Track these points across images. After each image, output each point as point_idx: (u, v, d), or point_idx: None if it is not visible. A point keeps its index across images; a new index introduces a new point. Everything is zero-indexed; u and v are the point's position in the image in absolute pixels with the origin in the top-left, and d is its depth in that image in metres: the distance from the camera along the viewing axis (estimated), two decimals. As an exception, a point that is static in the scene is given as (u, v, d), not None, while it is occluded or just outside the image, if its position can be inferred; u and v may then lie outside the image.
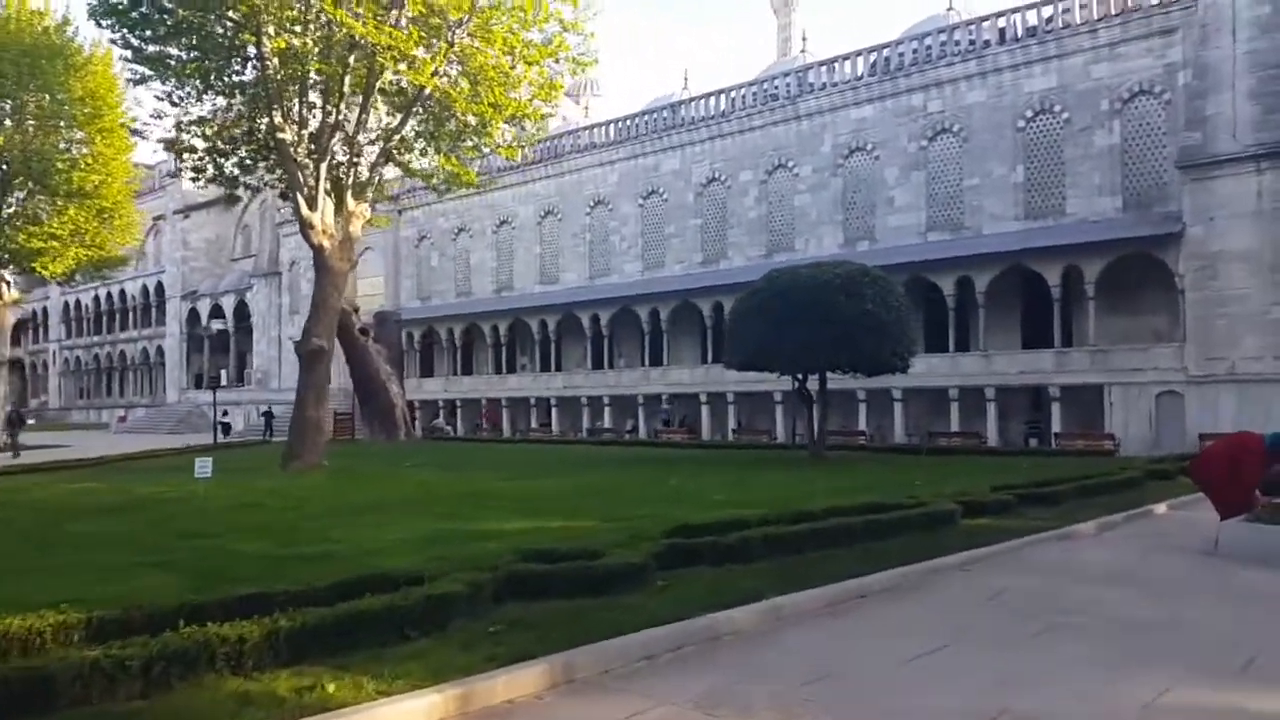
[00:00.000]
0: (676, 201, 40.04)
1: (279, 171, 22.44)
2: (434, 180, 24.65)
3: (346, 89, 20.22)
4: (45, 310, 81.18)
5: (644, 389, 38.39)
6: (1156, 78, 28.96)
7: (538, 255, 45.32)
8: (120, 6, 19.30)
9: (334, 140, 21.18)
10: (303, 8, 18.84)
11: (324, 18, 18.57)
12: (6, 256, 32.24)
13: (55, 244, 31.93)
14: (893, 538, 9.92)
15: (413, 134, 23.21)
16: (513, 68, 20.46)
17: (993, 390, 30.15)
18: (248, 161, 22.81)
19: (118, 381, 73.73)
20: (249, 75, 20.96)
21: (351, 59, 19.66)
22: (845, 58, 35.96)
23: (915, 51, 33.82)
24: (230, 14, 18.64)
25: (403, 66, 19.10)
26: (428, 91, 20.42)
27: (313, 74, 19.62)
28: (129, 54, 20.51)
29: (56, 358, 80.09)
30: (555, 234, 44.66)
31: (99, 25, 19.81)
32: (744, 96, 38.21)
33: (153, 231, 74.64)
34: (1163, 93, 28.89)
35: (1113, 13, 29.63)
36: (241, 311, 62.86)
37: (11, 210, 31.21)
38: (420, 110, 21.81)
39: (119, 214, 34.64)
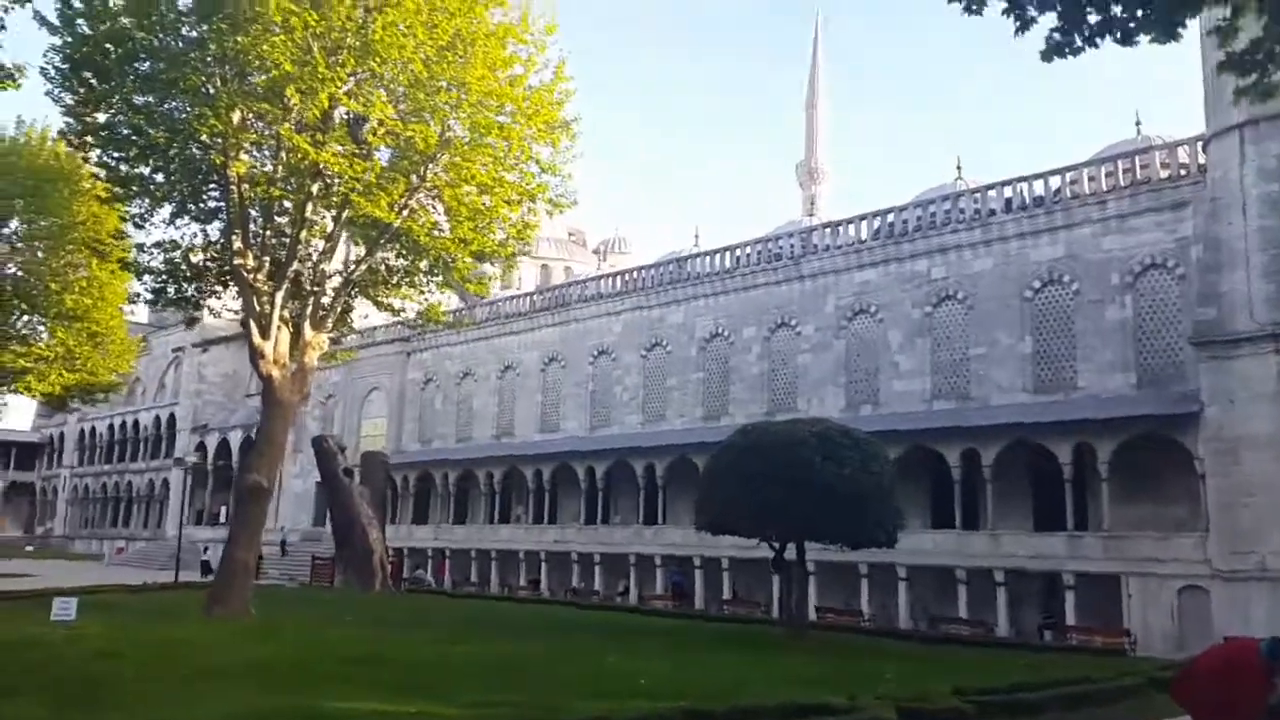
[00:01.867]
0: (679, 354, 39.20)
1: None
2: (403, 316, 23.93)
3: (308, 216, 19.78)
4: (62, 436, 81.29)
5: (637, 548, 36.51)
6: (1169, 251, 27.98)
7: (539, 403, 44.41)
8: (93, 125, 19.24)
9: (291, 269, 20.60)
10: (268, 134, 18.60)
11: (290, 143, 18.25)
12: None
13: (41, 365, 31.55)
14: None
15: (383, 268, 22.68)
16: (485, 206, 19.98)
17: (1002, 574, 27.91)
18: (215, 287, 22.26)
19: (123, 512, 72.72)
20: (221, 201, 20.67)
21: (315, 188, 19.31)
22: (849, 221, 35.66)
23: (919, 218, 33.36)
24: (199, 137, 18.43)
25: (362, 199, 18.62)
26: (396, 225, 19.95)
27: (275, 201, 19.24)
28: (102, 173, 20.34)
29: (66, 484, 79.60)
30: (558, 382, 43.86)
31: (70, 145, 19.77)
32: (749, 254, 37.86)
33: (172, 364, 75.40)
34: (1176, 267, 27.85)
35: (1122, 184, 29.00)
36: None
37: (1, 329, 31.02)
38: (389, 244, 21.30)
39: (111, 338, 34.35)
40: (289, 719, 8.48)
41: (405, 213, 20.06)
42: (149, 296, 23.27)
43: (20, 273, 29.56)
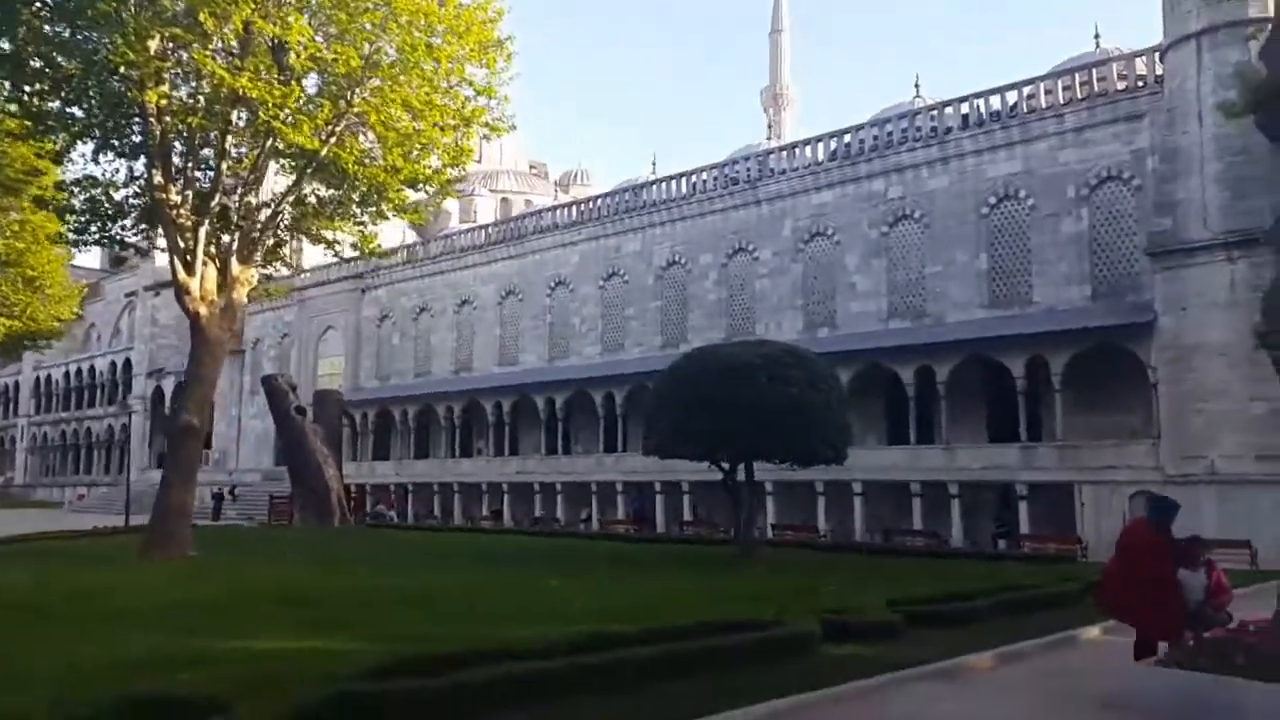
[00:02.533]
0: (637, 284, 38.65)
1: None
2: (339, 250, 23.11)
3: (229, 147, 18.85)
4: (17, 385, 79.72)
5: (598, 476, 36.35)
6: (1125, 163, 27.65)
7: (498, 336, 43.82)
8: (7, 55, 18.08)
9: (214, 202, 19.70)
10: (188, 62, 17.54)
11: (207, 70, 17.20)
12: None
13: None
14: (720, 670, 7.92)
15: (313, 199, 21.78)
16: (416, 131, 19.11)
17: (956, 486, 28.04)
18: (141, 225, 21.30)
19: (84, 459, 71.70)
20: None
21: (237, 117, 18.36)
22: (806, 143, 34.97)
23: (876, 138, 32.74)
24: (115, 68, 17.34)
25: (285, 126, 17.69)
26: (323, 155, 19.05)
27: (196, 132, 18.26)
28: (14, 108, 19.23)
29: (24, 433, 78.26)
30: (516, 315, 43.22)
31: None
32: (705, 180, 37.11)
33: (126, 309, 73.84)
34: (1132, 179, 27.55)
35: (1079, 97, 28.49)
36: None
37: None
38: (317, 175, 20.41)
39: (50, 283, 33.22)
40: (174, 660, 8.05)
41: (332, 140, 19.13)
42: (71, 237, 22.19)
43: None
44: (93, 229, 21.33)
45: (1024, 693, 8.71)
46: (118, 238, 21.91)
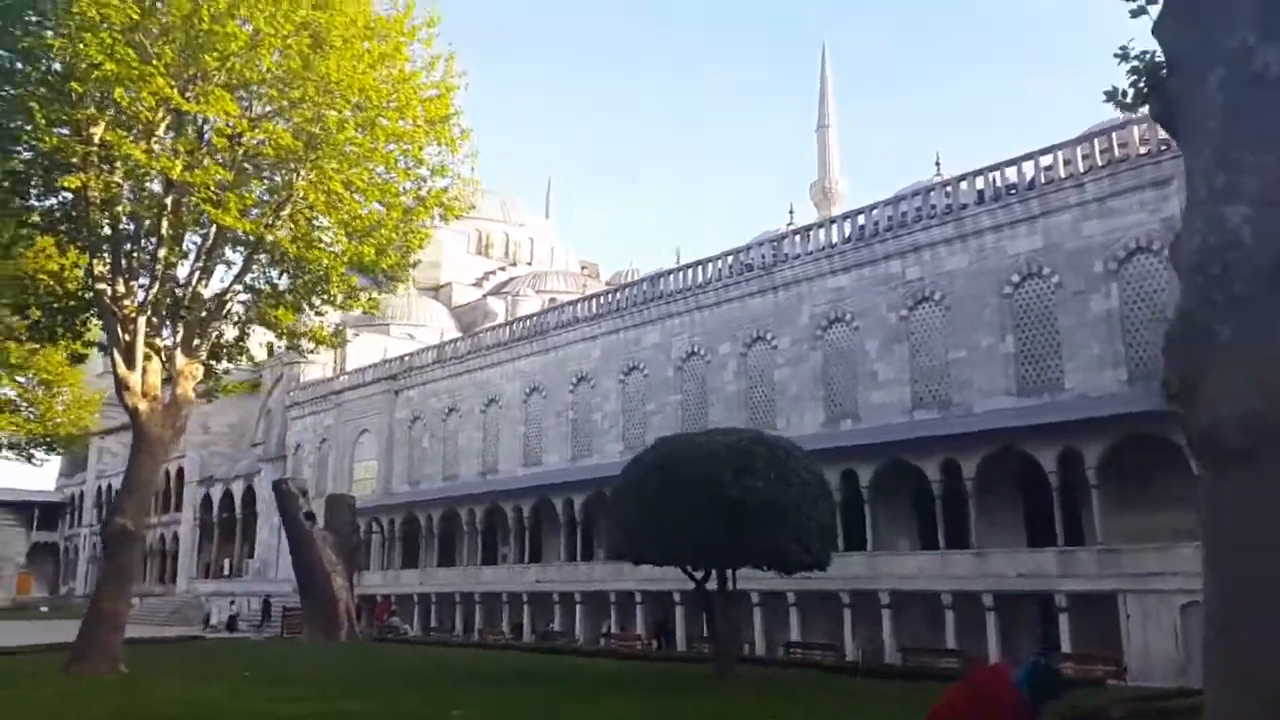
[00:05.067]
0: (657, 377, 37.24)
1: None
2: (298, 341, 22.24)
3: (165, 233, 18.28)
4: (82, 495, 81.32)
5: (615, 585, 34.26)
6: (1154, 233, 25.48)
7: (522, 435, 42.65)
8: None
9: (152, 292, 19.06)
10: (106, 146, 17.10)
11: (119, 150, 16.72)
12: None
13: (-16, 416, 30.60)
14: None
15: (266, 288, 21.07)
16: (363, 213, 18.33)
17: (990, 597, 25.28)
18: (73, 314, 20.62)
19: (139, 569, 72.08)
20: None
21: (168, 201, 17.84)
22: (820, 225, 33.68)
23: (891, 217, 31.17)
24: (18, 152, 17.05)
25: (212, 207, 17.07)
26: (265, 239, 18.37)
27: (119, 219, 17.79)
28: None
29: (85, 543, 79.39)
30: (540, 413, 42.07)
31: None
32: (721, 268, 35.90)
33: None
34: (1162, 249, 25.27)
35: (1099, 165, 26.62)
36: (249, 497, 61.21)
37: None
38: (266, 262, 19.73)
39: (64, 385, 33.36)
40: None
41: (276, 224, 18.48)
42: (24, 333, 21.81)
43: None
44: (43, 323, 20.77)
45: None
46: (68, 331, 21.26)
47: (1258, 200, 5.40)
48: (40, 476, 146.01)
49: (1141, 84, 6.30)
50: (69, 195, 18.20)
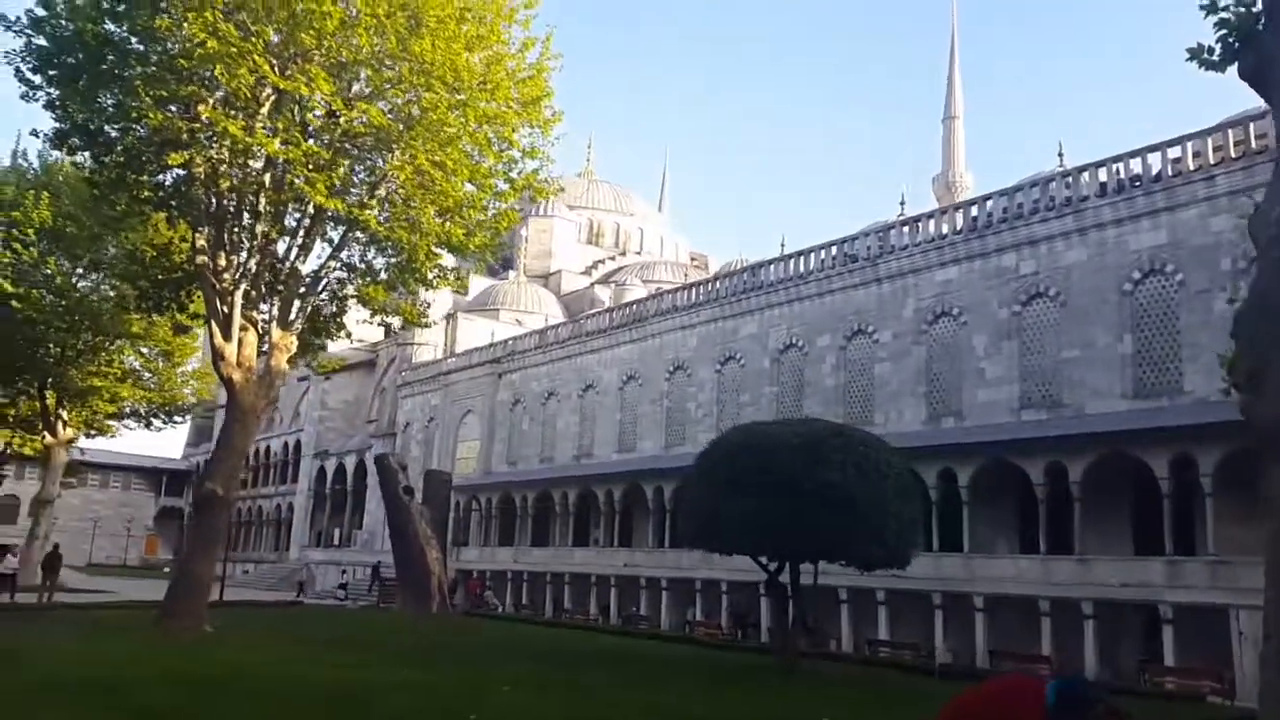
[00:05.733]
0: (753, 367, 36.74)
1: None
2: (387, 317, 22.65)
3: (264, 209, 18.86)
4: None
5: (702, 573, 34.00)
6: (1292, 229, 23.62)
7: (618, 421, 42.77)
8: (78, 125, 18.98)
9: (248, 265, 19.72)
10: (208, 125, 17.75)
11: (220, 127, 17.32)
12: (64, 396, 32.95)
13: (106, 383, 32.35)
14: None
15: (364, 266, 21.57)
16: (458, 193, 18.53)
17: (1090, 605, 24.06)
18: (179, 286, 21.52)
19: (255, 534, 75.66)
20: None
21: (267, 178, 18.41)
22: (930, 215, 32.46)
23: (1005, 209, 29.84)
24: (134, 129, 17.86)
25: (305, 184, 17.52)
26: (356, 217, 18.77)
27: (225, 195, 18.43)
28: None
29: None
30: (636, 400, 42.10)
31: (55, 146, 19.60)
32: (824, 258, 35.09)
33: (305, 392, 78.32)
34: (1300, 247, 23.46)
35: (1232, 157, 24.85)
36: (360, 471, 63.30)
37: (77, 350, 31.95)
38: (361, 240, 20.19)
39: (181, 358, 35.01)
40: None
41: (372, 202, 18.89)
42: (132, 303, 22.93)
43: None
44: (164, 295, 21.82)
45: None
46: (172, 302, 22.24)
47: (1349, 165, 4.79)
48: (168, 445, 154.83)
49: (1232, 39, 5.68)
50: (180, 172, 19.02)
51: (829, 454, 15.89)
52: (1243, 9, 5.61)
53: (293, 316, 20.62)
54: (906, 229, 33.00)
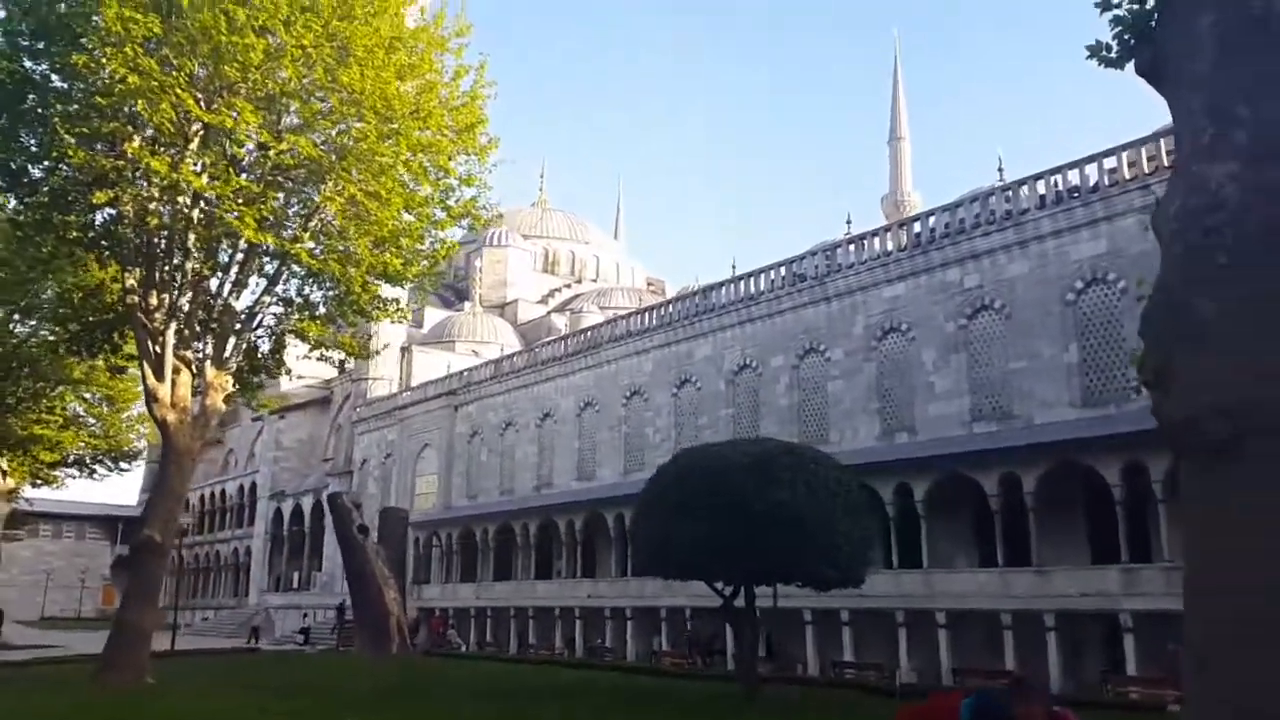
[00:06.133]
0: (709, 390, 36.62)
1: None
2: (323, 351, 22.21)
3: (192, 247, 18.45)
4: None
5: (665, 601, 33.64)
6: (1227, 235, 23.98)
7: (576, 449, 42.40)
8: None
9: (180, 304, 19.26)
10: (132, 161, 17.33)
11: (141, 162, 16.91)
12: (3, 445, 32.03)
13: (48, 430, 31.48)
14: None
15: (300, 299, 21.15)
16: (395, 223, 18.25)
17: (1052, 617, 24.06)
18: (111, 327, 20.94)
19: (212, 580, 73.97)
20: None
21: (195, 214, 18.00)
22: (875, 233, 32.64)
23: (948, 224, 30.11)
24: (59, 169, 17.41)
25: (232, 218, 17.16)
26: (287, 250, 18.42)
27: (153, 232, 17.99)
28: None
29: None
30: (594, 427, 41.76)
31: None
32: (774, 278, 35.16)
33: (259, 434, 76.96)
34: (1236, 251, 23.81)
35: (1166, 165, 25.22)
36: (318, 512, 62.15)
37: (17, 397, 31.09)
38: (294, 274, 19.80)
39: (125, 401, 34.22)
40: None
41: (304, 235, 18.54)
42: (63, 346, 22.27)
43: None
44: (96, 336, 21.18)
45: None
46: (104, 344, 21.59)
47: (1248, 156, 4.67)
48: (122, 492, 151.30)
49: (1127, 35, 5.60)
50: (110, 211, 18.56)
51: (779, 473, 15.73)
52: (1136, 5, 5.53)
53: (228, 354, 20.13)
54: (853, 247, 33.16)
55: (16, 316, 29.71)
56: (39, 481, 40.48)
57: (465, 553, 45.46)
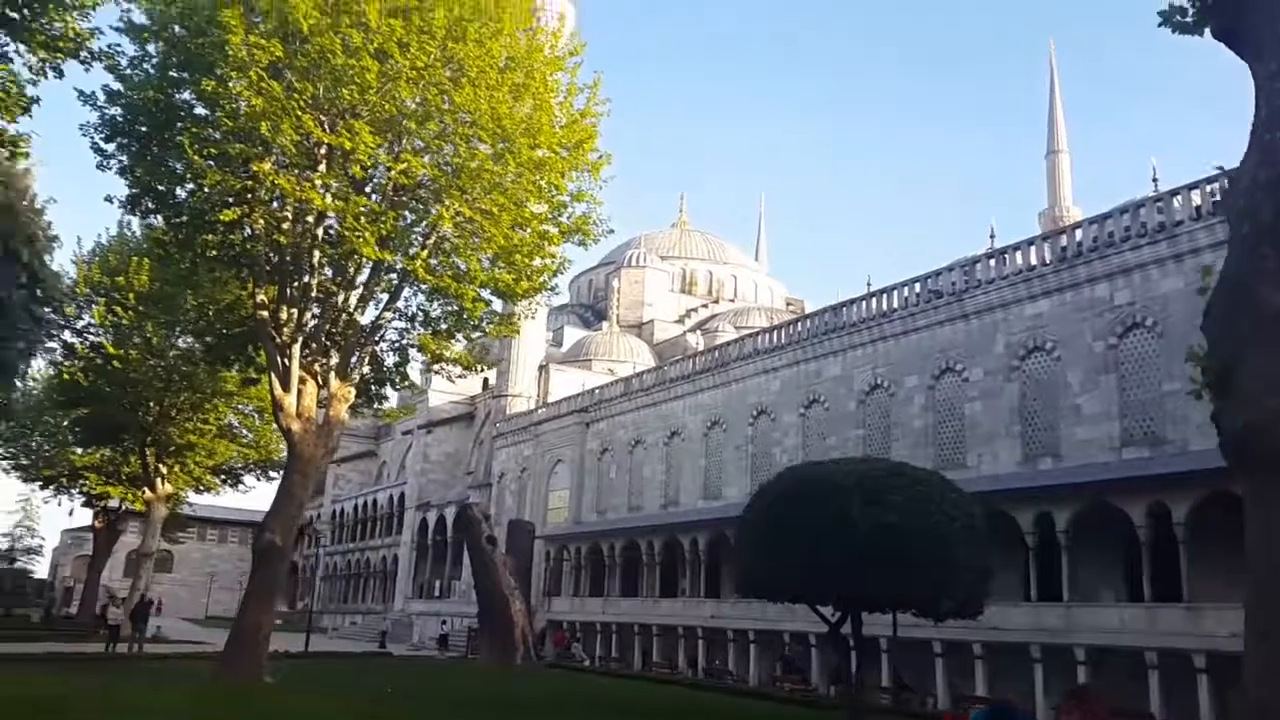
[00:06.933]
0: (838, 410, 35.63)
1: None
2: (443, 367, 22.72)
3: (320, 263, 19.25)
4: (319, 516, 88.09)
5: (788, 625, 32.76)
6: None
7: (702, 468, 42.07)
8: (146, 188, 19.89)
9: (305, 318, 20.09)
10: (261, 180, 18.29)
11: (269, 181, 17.79)
12: (165, 451, 34.32)
13: (203, 439, 33.55)
14: None
15: (420, 314, 21.79)
16: (506, 241, 18.56)
17: (1203, 658, 22.11)
18: (245, 340, 22.11)
19: (361, 587, 77.16)
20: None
21: (318, 232, 18.78)
22: (1017, 247, 30.97)
23: (1095, 237, 28.31)
24: (200, 189, 18.51)
25: (353, 236, 17.80)
26: (405, 267, 18.98)
27: (285, 249, 18.87)
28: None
29: (320, 561, 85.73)
30: (720, 445, 41.35)
31: (127, 210, 20.57)
32: (908, 296, 33.93)
33: (409, 446, 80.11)
34: None
35: (1343, 167, 22.96)
36: (459, 523, 63.97)
37: (177, 408, 33.32)
38: (416, 291, 20.38)
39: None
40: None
41: (422, 252, 19.10)
42: (203, 355, 23.65)
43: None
44: (230, 348, 22.50)
45: None
46: (234, 356, 22.83)
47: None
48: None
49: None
50: (249, 230, 19.69)
51: (886, 494, 14.96)
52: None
53: (351, 367, 20.93)
54: (994, 262, 31.63)
55: (177, 330, 31.98)
56: (202, 488, 43.21)
57: (593, 567, 45.78)
